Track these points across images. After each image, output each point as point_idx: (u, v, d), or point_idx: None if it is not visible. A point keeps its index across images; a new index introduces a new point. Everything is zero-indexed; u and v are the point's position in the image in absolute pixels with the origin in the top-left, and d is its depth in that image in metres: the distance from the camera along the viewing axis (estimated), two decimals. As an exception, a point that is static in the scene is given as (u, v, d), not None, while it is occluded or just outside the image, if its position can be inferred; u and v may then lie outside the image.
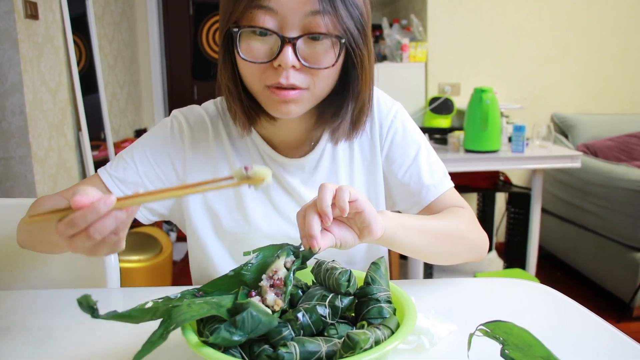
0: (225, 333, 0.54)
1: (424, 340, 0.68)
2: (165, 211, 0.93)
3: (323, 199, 0.65)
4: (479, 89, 2.50)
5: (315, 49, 0.74)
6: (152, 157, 0.89)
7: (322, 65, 0.75)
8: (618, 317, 2.48)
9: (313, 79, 0.76)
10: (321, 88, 0.78)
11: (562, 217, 3.01)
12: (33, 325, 0.78)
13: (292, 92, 0.76)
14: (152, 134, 0.92)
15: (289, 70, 0.74)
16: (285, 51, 0.72)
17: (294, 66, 0.74)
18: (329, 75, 0.78)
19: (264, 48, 0.74)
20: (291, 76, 0.74)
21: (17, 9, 2.03)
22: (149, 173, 0.89)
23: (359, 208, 0.68)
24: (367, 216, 0.68)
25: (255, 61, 0.75)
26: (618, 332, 0.74)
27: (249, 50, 0.75)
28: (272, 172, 0.89)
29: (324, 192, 0.65)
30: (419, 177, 0.92)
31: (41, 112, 2.22)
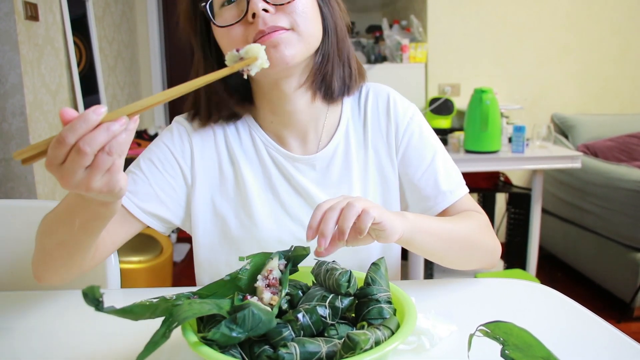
0: (225, 329, 0.54)
1: (424, 341, 0.68)
2: (177, 221, 0.91)
3: (346, 217, 0.64)
4: (479, 89, 2.50)
5: None
6: (160, 163, 0.89)
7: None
8: (618, 318, 2.48)
9: (293, 17, 0.78)
10: (305, 26, 0.79)
11: (563, 217, 3.00)
12: (34, 326, 0.78)
13: (276, 34, 0.77)
14: (157, 142, 0.91)
15: (263, 15, 0.76)
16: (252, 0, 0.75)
17: (267, 10, 0.76)
18: (306, 11, 0.79)
19: (235, 11, 0.78)
20: (268, 20, 0.76)
21: (18, 11, 2.03)
22: (158, 180, 0.88)
23: (381, 228, 0.68)
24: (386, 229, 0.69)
25: (232, 23, 0.78)
26: (618, 332, 0.74)
27: (222, 19, 0.79)
28: (282, 170, 0.89)
29: (349, 211, 0.64)
30: (436, 182, 0.91)
31: (41, 113, 2.22)
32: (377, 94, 0.94)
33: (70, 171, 0.52)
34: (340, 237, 0.65)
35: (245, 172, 0.89)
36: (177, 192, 0.89)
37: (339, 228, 0.65)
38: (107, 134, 0.51)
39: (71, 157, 0.51)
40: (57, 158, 0.52)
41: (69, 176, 0.53)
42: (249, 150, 0.91)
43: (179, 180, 0.90)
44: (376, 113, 0.93)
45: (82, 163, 0.52)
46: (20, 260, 1.04)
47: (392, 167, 0.93)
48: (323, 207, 0.66)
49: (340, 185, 0.91)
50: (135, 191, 0.86)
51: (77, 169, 0.52)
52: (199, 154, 0.90)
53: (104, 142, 0.52)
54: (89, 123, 0.50)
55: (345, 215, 0.64)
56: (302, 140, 0.91)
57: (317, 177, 0.91)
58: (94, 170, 0.53)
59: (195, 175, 0.90)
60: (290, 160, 0.90)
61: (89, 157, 0.51)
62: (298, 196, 0.90)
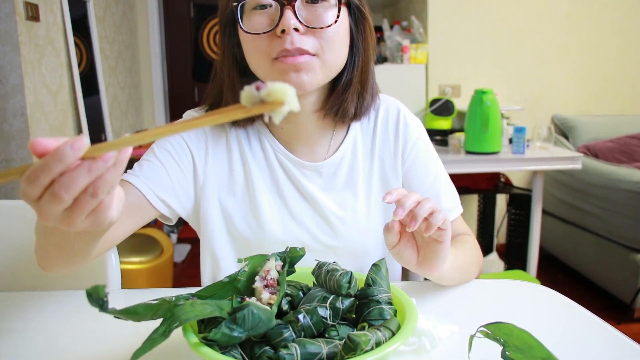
0: (226, 329, 0.54)
1: (425, 342, 0.68)
2: (184, 213, 0.91)
3: (422, 206, 0.67)
4: (479, 90, 2.50)
5: (316, 11, 0.77)
6: (175, 154, 0.87)
7: (325, 23, 0.77)
8: (619, 319, 2.48)
9: (320, 43, 0.77)
10: (330, 54, 0.79)
11: (563, 218, 3.00)
12: (34, 326, 0.78)
13: (300, 58, 0.76)
14: None
15: (292, 34, 0.75)
16: (285, 14, 0.74)
17: (297, 29, 0.75)
18: (335, 39, 0.78)
19: (266, 20, 0.77)
20: (296, 40, 0.75)
21: (18, 11, 2.03)
22: (174, 170, 0.87)
23: (442, 239, 0.71)
24: (441, 251, 0.72)
25: (259, 32, 0.77)
26: (619, 333, 0.74)
27: (251, 25, 0.78)
28: (290, 176, 0.90)
29: (427, 201, 0.67)
30: (438, 200, 0.94)
31: (42, 114, 2.22)
32: (387, 107, 0.96)
33: (46, 211, 0.44)
34: (411, 224, 0.67)
35: (254, 173, 0.90)
36: (188, 184, 0.89)
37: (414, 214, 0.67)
38: (88, 176, 0.42)
39: (46, 198, 0.43)
40: (30, 195, 0.43)
41: (46, 215, 0.45)
42: (258, 154, 0.91)
43: (191, 173, 0.89)
44: (385, 125, 0.95)
45: (59, 206, 0.44)
46: (20, 261, 1.04)
47: (397, 179, 0.94)
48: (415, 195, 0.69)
49: (344, 192, 0.92)
50: (152, 177, 0.85)
51: (54, 210, 0.44)
52: (213, 152, 0.90)
53: (85, 185, 0.43)
54: (65, 162, 0.41)
55: (422, 205, 0.67)
56: (310, 147, 0.92)
57: (323, 184, 0.92)
58: (75, 213, 0.45)
59: (207, 172, 0.90)
60: (297, 166, 0.90)
61: (66, 202, 0.43)
62: (304, 201, 0.91)
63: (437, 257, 0.73)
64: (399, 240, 0.72)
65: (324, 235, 0.91)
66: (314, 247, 0.90)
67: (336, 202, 0.91)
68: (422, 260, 0.75)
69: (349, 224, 0.91)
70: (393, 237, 0.71)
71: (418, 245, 0.75)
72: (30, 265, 1.04)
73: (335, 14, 0.78)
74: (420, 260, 0.75)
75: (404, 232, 0.72)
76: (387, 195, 0.67)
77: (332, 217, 0.91)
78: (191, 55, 4.61)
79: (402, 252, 0.73)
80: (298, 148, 0.91)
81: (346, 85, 0.85)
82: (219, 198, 0.91)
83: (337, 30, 0.78)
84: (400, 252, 0.73)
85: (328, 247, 0.91)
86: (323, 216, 0.91)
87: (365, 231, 0.92)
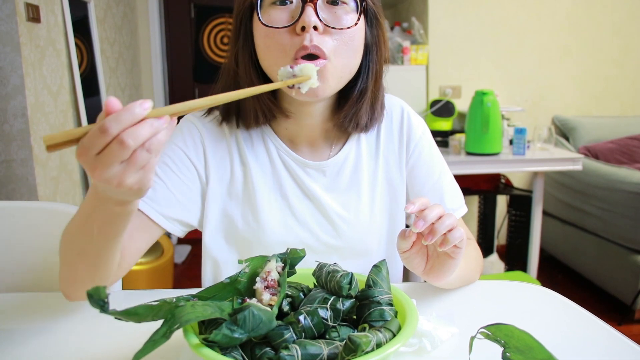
0: (226, 330, 0.54)
1: (426, 343, 0.68)
2: (195, 222, 0.91)
3: (443, 222, 0.67)
4: (480, 91, 2.50)
5: (336, 12, 0.77)
6: (174, 166, 0.87)
7: (344, 25, 0.77)
8: (620, 320, 2.48)
9: (336, 46, 0.77)
10: (343, 59, 0.79)
11: (564, 219, 3.00)
12: (35, 327, 0.78)
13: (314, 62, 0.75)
14: (168, 144, 0.89)
15: (311, 31, 0.75)
16: (306, 11, 0.75)
17: (317, 28, 0.75)
18: (351, 43, 0.79)
19: (285, 15, 0.77)
20: (315, 38, 0.75)
21: (19, 12, 2.04)
22: (175, 183, 0.87)
23: (454, 255, 0.72)
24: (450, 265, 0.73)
25: (278, 26, 0.77)
26: (620, 334, 0.74)
27: (270, 19, 0.78)
28: (293, 175, 0.90)
29: (448, 217, 0.67)
30: (441, 199, 0.94)
31: (43, 114, 2.22)
32: (391, 106, 0.96)
33: (106, 163, 0.51)
34: (428, 238, 0.67)
35: (255, 174, 0.90)
36: (193, 193, 0.89)
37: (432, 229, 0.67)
38: (150, 130, 0.51)
39: (111, 148, 0.50)
40: (94, 147, 0.50)
41: (104, 168, 0.51)
42: (261, 154, 0.91)
43: (194, 180, 0.89)
44: (389, 124, 0.95)
45: (121, 156, 0.50)
46: (21, 262, 1.04)
47: (401, 178, 0.95)
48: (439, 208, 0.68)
49: (348, 192, 0.92)
50: (154, 197, 0.85)
51: (114, 161, 0.51)
52: (212, 152, 0.90)
53: (146, 138, 0.51)
54: (135, 116, 0.49)
55: (443, 221, 0.67)
56: (313, 147, 0.92)
57: (327, 183, 0.92)
58: (130, 166, 0.52)
59: (209, 173, 0.90)
60: (301, 166, 0.90)
61: (129, 150, 0.50)
62: (307, 200, 0.91)
63: (446, 269, 0.74)
64: (411, 247, 0.72)
65: (326, 235, 0.91)
66: (316, 247, 0.90)
67: (340, 202, 0.91)
68: (429, 269, 0.75)
69: (352, 224, 0.91)
70: (407, 244, 0.71)
71: (429, 254, 0.75)
72: (31, 266, 1.04)
73: (354, 17, 0.78)
74: (428, 269, 0.76)
75: (418, 240, 0.72)
76: (410, 205, 0.67)
77: (335, 217, 0.91)
78: (192, 56, 4.62)
79: (411, 259, 0.74)
80: (302, 148, 0.91)
81: (361, 94, 0.85)
82: (222, 197, 0.90)
83: (354, 35, 0.79)
84: (409, 258, 0.74)
85: (330, 247, 0.91)
86: (326, 216, 0.91)
87: (368, 231, 0.92)
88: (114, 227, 0.67)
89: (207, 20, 4.59)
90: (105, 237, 0.68)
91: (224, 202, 0.91)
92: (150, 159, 0.53)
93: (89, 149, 0.50)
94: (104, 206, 0.63)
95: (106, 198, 0.61)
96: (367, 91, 0.85)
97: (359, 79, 0.84)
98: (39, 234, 1.04)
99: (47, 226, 1.03)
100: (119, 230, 0.68)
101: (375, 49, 0.84)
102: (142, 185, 0.54)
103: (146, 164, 0.53)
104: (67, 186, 2.44)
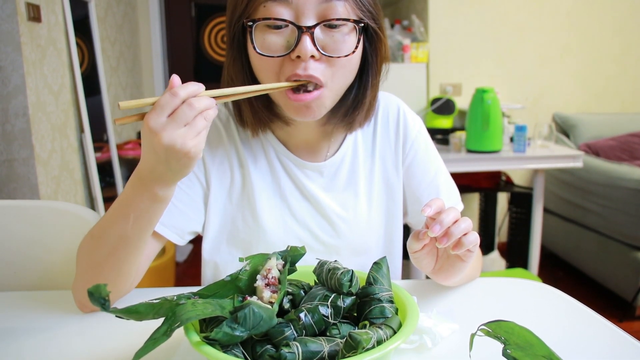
0: (227, 328, 0.55)
1: (426, 340, 0.69)
2: (199, 228, 0.91)
3: (459, 225, 0.67)
4: (480, 89, 2.50)
5: (334, 37, 0.74)
6: None
7: (342, 52, 0.74)
8: (620, 317, 2.48)
9: (332, 70, 0.75)
10: (339, 83, 0.78)
11: (564, 216, 3.00)
12: (36, 326, 0.78)
13: (309, 96, 0.75)
14: None
15: (308, 61, 0.72)
16: (303, 41, 0.71)
17: (313, 56, 0.73)
18: (347, 67, 0.77)
19: (280, 41, 0.74)
20: (310, 67, 0.73)
21: (20, 12, 2.04)
22: (177, 194, 0.87)
23: (465, 258, 0.72)
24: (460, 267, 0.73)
25: (273, 55, 0.74)
26: (620, 331, 0.74)
27: (264, 44, 0.74)
28: (291, 176, 0.91)
29: (463, 221, 0.68)
30: (437, 196, 0.94)
31: (44, 114, 2.22)
32: (387, 105, 0.95)
33: (174, 124, 0.59)
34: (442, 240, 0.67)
35: (253, 175, 0.90)
36: (195, 201, 0.89)
37: (448, 232, 0.67)
38: (208, 101, 0.61)
39: (181, 109, 0.59)
40: (168, 108, 0.59)
41: (172, 129, 0.59)
42: (259, 155, 0.91)
43: (196, 188, 0.89)
44: (386, 123, 0.95)
45: (187, 117, 0.59)
46: (22, 261, 1.04)
47: (397, 177, 0.95)
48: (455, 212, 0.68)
49: (346, 191, 0.92)
50: (162, 220, 0.85)
51: (182, 122, 0.59)
52: (210, 158, 0.90)
53: (206, 107, 0.61)
54: (198, 88, 0.61)
55: (458, 224, 0.67)
56: (311, 148, 0.92)
57: (325, 183, 0.92)
58: (192, 129, 0.60)
59: (210, 179, 0.90)
60: (299, 167, 0.90)
61: (195, 112, 0.60)
62: (306, 201, 0.91)
63: (455, 271, 0.74)
64: (422, 247, 0.72)
65: (325, 234, 0.91)
66: (315, 247, 0.90)
67: (338, 201, 0.91)
68: (438, 269, 0.76)
69: (351, 223, 0.91)
70: (419, 245, 0.71)
71: (438, 254, 0.75)
72: (32, 265, 1.04)
73: (352, 40, 0.74)
74: (437, 269, 0.76)
75: (430, 242, 0.72)
76: (426, 207, 0.67)
77: (334, 216, 0.91)
78: (193, 55, 4.61)
79: (421, 259, 0.74)
80: (299, 149, 0.91)
81: (357, 102, 0.85)
82: (222, 199, 0.91)
83: (352, 57, 0.76)
84: (419, 258, 0.74)
85: (329, 247, 0.91)
86: (325, 216, 0.91)
87: (366, 229, 0.92)
88: (150, 217, 0.71)
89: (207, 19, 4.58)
90: (138, 229, 0.71)
91: (225, 206, 0.91)
92: (205, 127, 0.62)
93: (164, 108, 0.59)
94: (147, 191, 0.67)
95: (152, 180, 0.66)
96: (364, 101, 0.85)
97: (354, 87, 0.84)
98: (41, 232, 1.04)
99: (48, 225, 1.03)
100: (152, 222, 0.72)
101: (376, 63, 0.82)
102: (197, 150, 0.62)
103: (202, 130, 0.61)
104: (69, 185, 2.44)
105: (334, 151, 0.92)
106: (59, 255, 1.02)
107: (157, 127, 0.59)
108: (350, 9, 0.74)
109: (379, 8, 0.80)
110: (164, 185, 0.68)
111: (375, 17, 0.78)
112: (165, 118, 0.59)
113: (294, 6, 0.71)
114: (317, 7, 0.72)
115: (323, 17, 0.72)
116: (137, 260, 0.77)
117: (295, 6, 0.71)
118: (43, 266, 1.04)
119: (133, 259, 0.76)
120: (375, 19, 0.78)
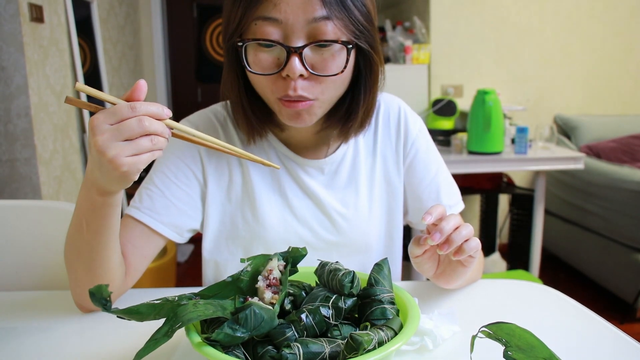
0: (228, 329, 0.55)
1: (427, 342, 0.69)
2: (198, 225, 0.92)
3: (460, 232, 0.67)
4: (481, 90, 2.50)
5: (323, 55, 0.74)
6: (172, 174, 0.88)
7: (331, 72, 0.74)
8: (621, 319, 2.48)
9: (322, 87, 0.76)
10: (330, 95, 0.78)
11: (565, 218, 3.00)
12: (37, 325, 0.78)
13: (301, 104, 0.76)
14: (165, 153, 0.90)
15: (297, 80, 0.73)
16: (291, 62, 0.72)
17: (302, 75, 0.73)
18: (338, 82, 0.77)
19: (272, 58, 0.74)
20: (299, 87, 0.74)
21: (23, 12, 2.04)
22: (174, 191, 0.88)
23: (467, 264, 0.73)
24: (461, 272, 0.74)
25: (264, 73, 0.75)
26: (621, 333, 0.74)
27: (256, 62, 0.75)
28: (292, 173, 0.91)
29: (464, 228, 0.67)
30: (438, 195, 0.94)
31: (46, 114, 2.23)
32: (388, 104, 0.96)
33: (116, 134, 0.57)
34: (444, 247, 0.67)
35: (253, 174, 0.90)
36: (193, 198, 0.90)
37: (449, 238, 0.67)
38: (162, 128, 0.59)
39: (129, 122, 0.57)
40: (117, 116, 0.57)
41: (111, 138, 0.57)
42: (258, 151, 0.91)
43: (193, 186, 0.90)
44: (387, 122, 0.95)
45: (133, 132, 0.57)
46: (24, 261, 1.04)
47: (398, 175, 0.95)
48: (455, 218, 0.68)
49: (347, 189, 0.92)
50: (152, 207, 0.86)
51: (123, 135, 0.57)
52: (208, 157, 0.90)
53: (156, 132, 0.59)
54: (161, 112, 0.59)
55: (460, 231, 0.67)
56: (311, 146, 0.92)
57: (326, 181, 0.92)
58: (131, 145, 0.58)
59: (207, 178, 0.90)
60: (300, 164, 0.91)
61: (141, 131, 0.58)
62: (306, 198, 0.91)
63: (457, 275, 0.74)
64: (423, 252, 0.72)
65: (326, 232, 0.91)
66: (316, 245, 0.91)
67: (338, 199, 0.92)
68: (440, 273, 0.76)
69: (351, 220, 0.92)
70: (420, 251, 0.71)
71: (440, 259, 0.76)
72: (33, 265, 1.05)
73: (342, 58, 0.74)
74: (439, 273, 0.76)
75: (432, 247, 0.72)
76: (427, 215, 0.67)
77: (335, 214, 0.91)
78: (194, 56, 4.62)
79: (422, 263, 0.74)
80: (300, 146, 0.92)
81: (350, 114, 0.84)
82: (220, 198, 0.91)
83: (341, 75, 0.76)
84: (421, 263, 0.74)
85: (330, 244, 0.91)
86: (325, 213, 0.91)
87: (367, 227, 0.92)
88: (99, 221, 0.70)
89: (209, 20, 4.59)
90: (93, 233, 0.71)
91: (223, 205, 0.91)
92: (148, 150, 0.59)
93: (115, 114, 0.57)
94: (89, 194, 0.67)
95: (92, 183, 0.65)
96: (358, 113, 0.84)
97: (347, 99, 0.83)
98: (43, 232, 1.04)
99: (50, 225, 1.04)
100: (104, 226, 0.70)
101: (370, 81, 0.82)
102: (132, 170, 0.59)
103: (143, 153, 0.59)
104: (71, 185, 2.44)
105: (334, 149, 0.93)
106: (60, 255, 1.02)
107: (99, 129, 0.57)
108: (341, 28, 0.73)
109: (373, 24, 0.78)
110: (102, 191, 0.66)
111: (367, 35, 0.76)
112: (109, 125, 0.58)
113: (284, 25, 0.72)
114: (306, 26, 0.72)
115: (312, 37, 0.72)
116: (108, 264, 0.75)
117: (285, 26, 0.72)
118: (44, 266, 1.04)
119: (101, 260, 0.74)
120: (367, 37, 0.76)
